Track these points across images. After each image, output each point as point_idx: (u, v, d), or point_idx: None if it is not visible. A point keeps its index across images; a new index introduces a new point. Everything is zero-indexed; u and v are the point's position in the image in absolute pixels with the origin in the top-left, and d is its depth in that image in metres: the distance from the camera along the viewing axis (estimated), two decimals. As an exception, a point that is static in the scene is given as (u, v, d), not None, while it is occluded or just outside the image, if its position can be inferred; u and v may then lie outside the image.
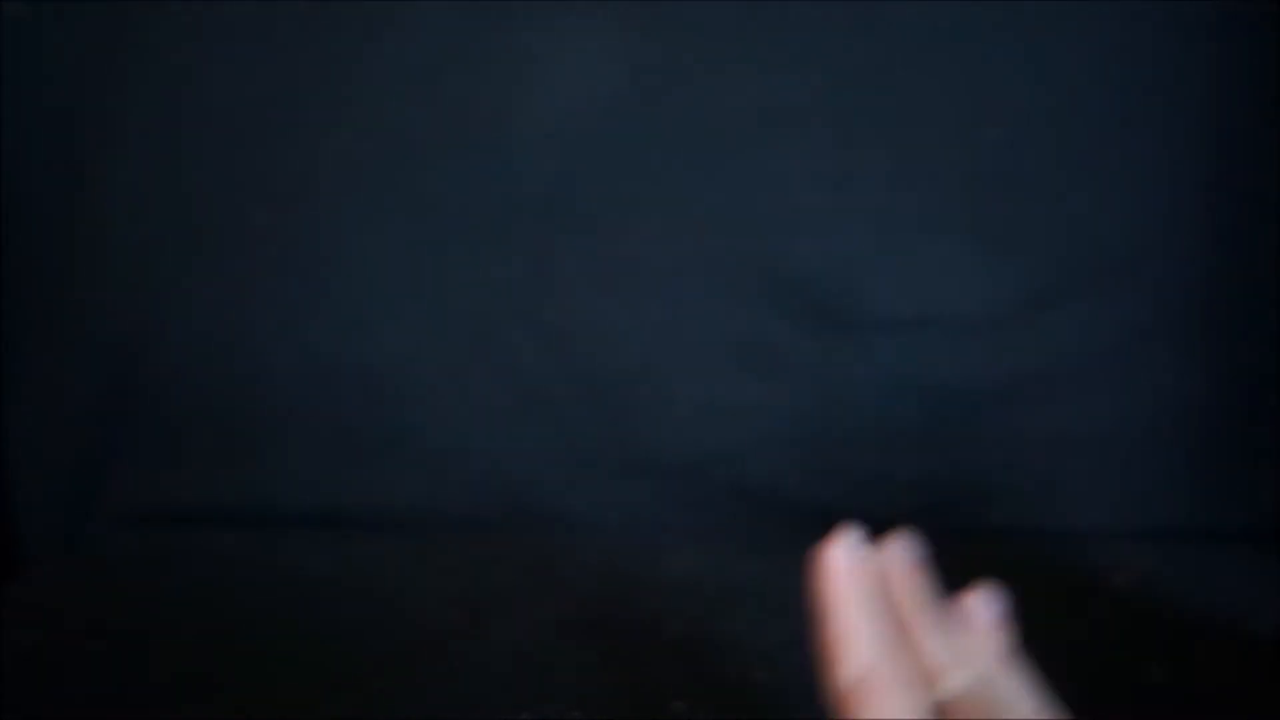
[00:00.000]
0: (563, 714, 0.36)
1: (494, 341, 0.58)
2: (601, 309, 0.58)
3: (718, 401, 0.58)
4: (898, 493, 0.56)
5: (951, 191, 0.56)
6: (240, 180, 0.58)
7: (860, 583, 0.25)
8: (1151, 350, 0.56)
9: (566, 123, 0.57)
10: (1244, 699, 0.38)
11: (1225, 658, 0.41)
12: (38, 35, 0.57)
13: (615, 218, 0.57)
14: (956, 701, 0.23)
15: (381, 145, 0.57)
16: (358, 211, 0.58)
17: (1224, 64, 0.55)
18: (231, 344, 0.58)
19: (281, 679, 0.39)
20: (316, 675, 0.40)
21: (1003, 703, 0.24)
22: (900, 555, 0.27)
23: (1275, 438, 0.56)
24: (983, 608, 0.29)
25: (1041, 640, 0.25)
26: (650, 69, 0.56)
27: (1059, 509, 0.57)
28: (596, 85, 0.56)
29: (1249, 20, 0.55)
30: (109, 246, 0.58)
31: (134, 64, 0.57)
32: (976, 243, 0.57)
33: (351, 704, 0.37)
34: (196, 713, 0.37)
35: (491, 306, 0.58)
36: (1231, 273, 0.56)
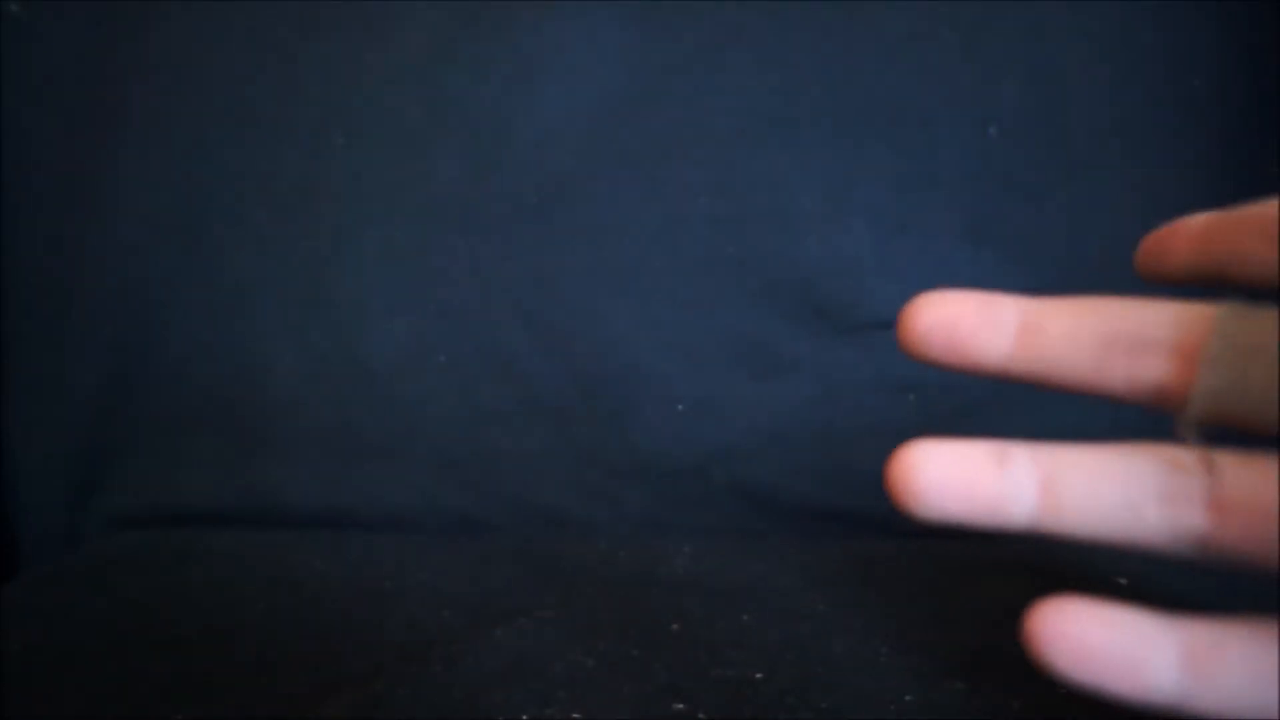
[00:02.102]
0: (562, 714, 0.36)
1: (494, 341, 0.58)
2: (601, 309, 0.58)
3: (718, 401, 0.58)
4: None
5: (951, 192, 0.56)
6: (240, 180, 0.58)
7: None
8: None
9: (566, 123, 0.57)
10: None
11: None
12: (38, 35, 0.57)
13: (615, 218, 0.57)
14: None
15: (381, 145, 0.57)
16: (358, 211, 0.58)
17: (1225, 63, 0.55)
18: (232, 344, 0.58)
19: (281, 679, 0.39)
20: (316, 675, 0.40)
21: None
22: None
23: (1274, 437, 0.56)
24: None
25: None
26: (650, 69, 0.56)
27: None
28: (596, 85, 0.56)
29: (1250, 19, 0.55)
30: (109, 246, 0.58)
31: (134, 64, 0.57)
32: (976, 243, 0.57)
33: (351, 704, 0.37)
34: (196, 713, 0.37)
35: (491, 306, 0.58)
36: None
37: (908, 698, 0.37)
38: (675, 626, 0.44)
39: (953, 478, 0.21)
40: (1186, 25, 0.55)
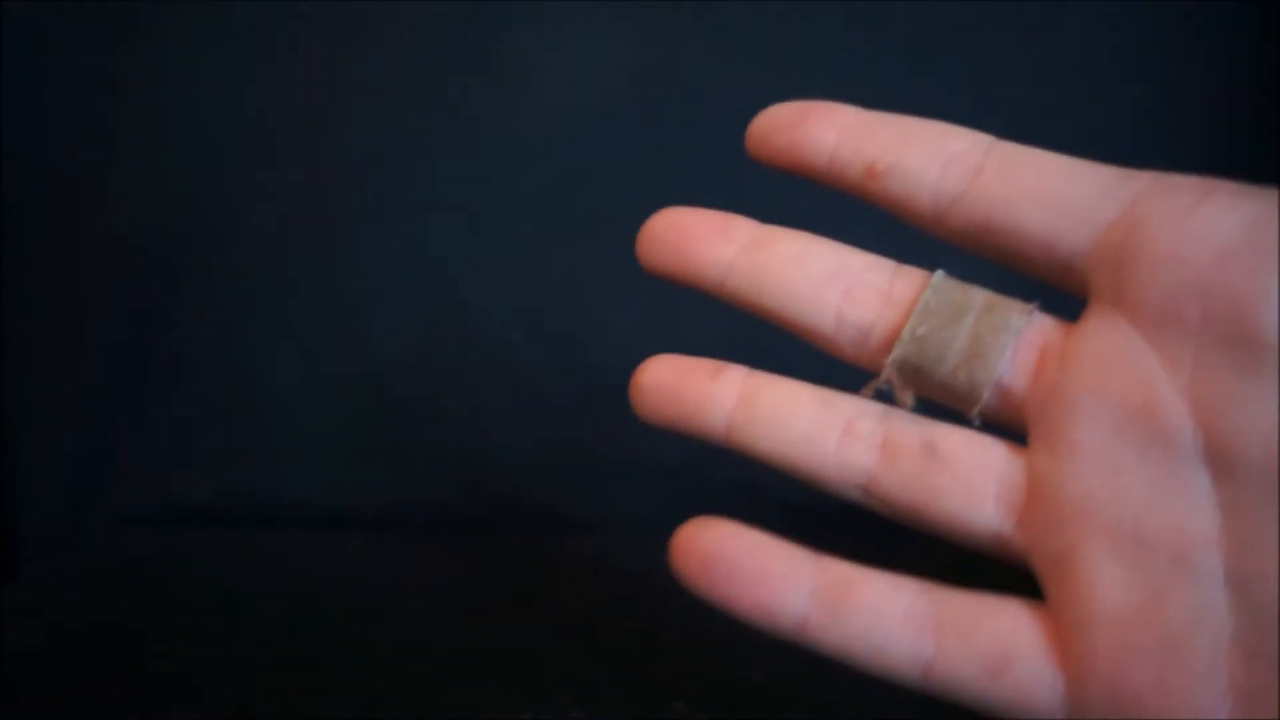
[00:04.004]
0: (563, 714, 0.36)
1: (494, 341, 0.58)
2: (601, 309, 0.58)
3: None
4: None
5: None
6: (240, 180, 0.58)
7: None
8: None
9: (566, 123, 0.57)
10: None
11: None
12: (38, 35, 0.57)
13: (615, 218, 0.57)
14: None
15: (381, 145, 0.57)
16: (358, 212, 0.58)
17: (1225, 63, 0.55)
18: (232, 344, 0.58)
19: (281, 679, 0.39)
20: (316, 675, 0.40)
21: None
22: None
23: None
24: None
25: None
26: (650, 69, 0.56)
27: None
28: (596, 85, 0.56)
29: (1251, 20, 0.55)
30: (109, 246, 0.58)
31: (134, 64, 0.57)
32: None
33: (351, 704, 0.37)
34: (196, 713, 0.37)
35: (491, 306, 0.58)
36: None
37: (907, 698, 0.37)
38: (675, 626, 0.44)
39: (668, 380, 0.23)
40: (1186, 25, 0.55)
